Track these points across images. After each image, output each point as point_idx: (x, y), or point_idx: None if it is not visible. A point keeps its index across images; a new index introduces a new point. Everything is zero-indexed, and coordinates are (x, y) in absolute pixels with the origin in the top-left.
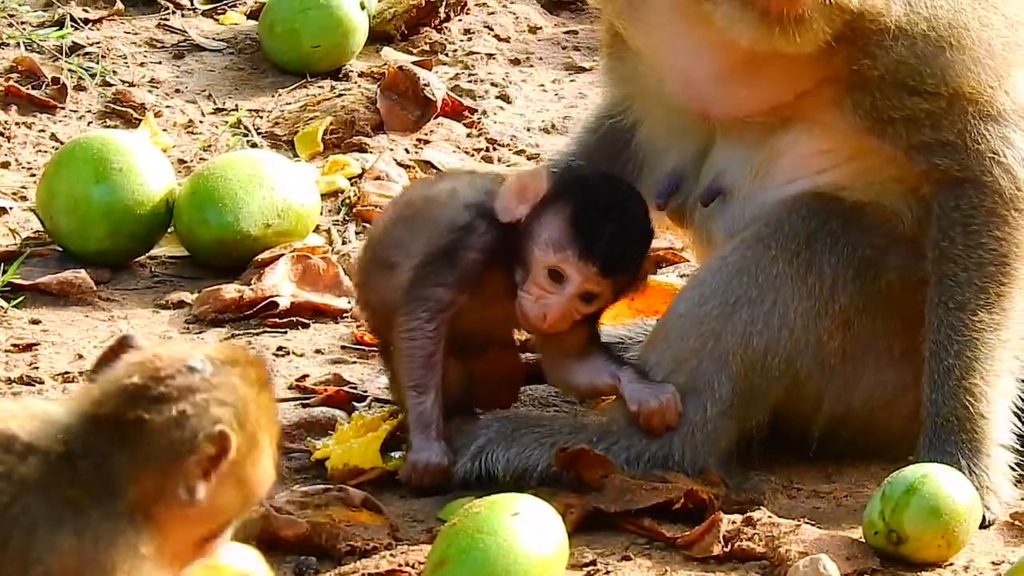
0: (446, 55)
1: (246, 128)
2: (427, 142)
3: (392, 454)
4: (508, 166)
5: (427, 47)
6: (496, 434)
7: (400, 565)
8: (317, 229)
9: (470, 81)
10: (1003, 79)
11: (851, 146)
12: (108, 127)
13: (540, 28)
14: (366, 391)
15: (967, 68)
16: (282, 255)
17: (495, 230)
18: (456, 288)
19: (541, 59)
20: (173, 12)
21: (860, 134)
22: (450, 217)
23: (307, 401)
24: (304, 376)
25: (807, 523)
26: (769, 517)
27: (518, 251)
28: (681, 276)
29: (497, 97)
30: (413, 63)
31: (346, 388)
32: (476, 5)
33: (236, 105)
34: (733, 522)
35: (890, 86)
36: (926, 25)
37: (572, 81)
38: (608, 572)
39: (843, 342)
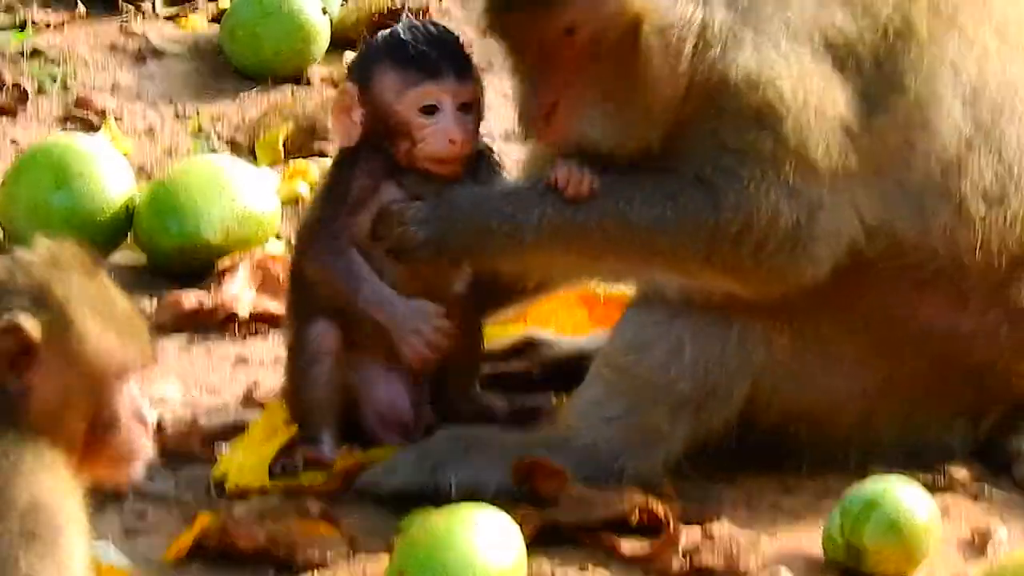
0: None
1: (207, 134)
2: None
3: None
4: None
5: None
6: (448, 452)
7: None
8: (278, 236)
9: None
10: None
11: None
12: (69, 132)
13: None
14: None
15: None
16: (242, 262)
17: (369, 159)
18: (350, 212)
19: (503, 67)
20: (134, 16)
21: None
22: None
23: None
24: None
25: (766, 536)
26: (728, 531)
27: (394, 140)
28: None
29: None
30: None
31: None
32: (438, 12)
33: (197, 110)
34: (692, 536)
35: None
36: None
37: None
38: None
39: (792, 339)
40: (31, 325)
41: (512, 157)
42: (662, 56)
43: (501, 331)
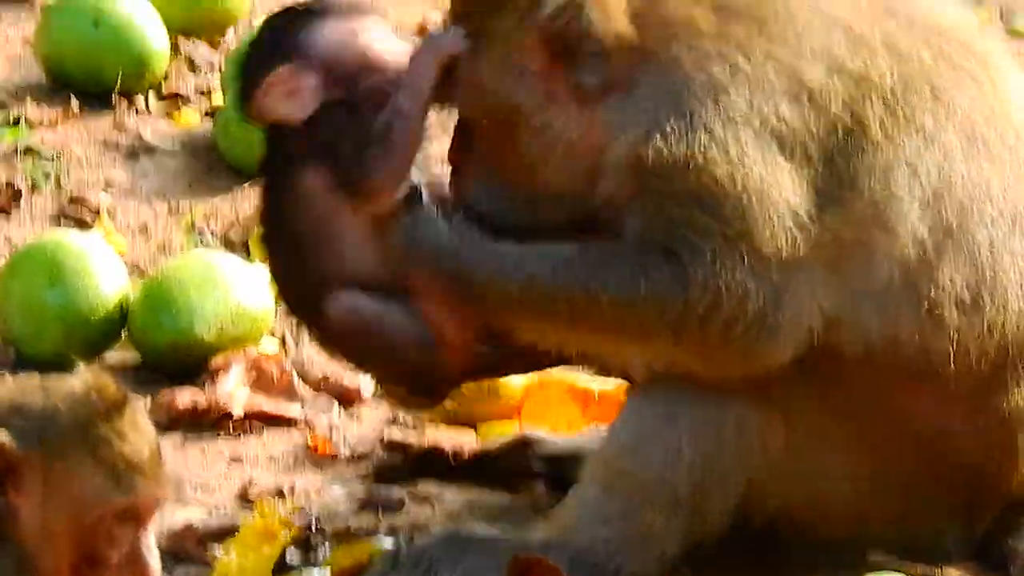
0: None
1: (200, 230)
2: None
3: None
4: None
5: None
6: (444, 551)
7: None
8: (272, 334)
9: None
10: None
11: None
12: (63, 229)
13: None
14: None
15: None
16: (236, 360)
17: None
18: None
19: None
20: (128, 113)
21: None
22: None
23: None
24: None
25: None
26: None
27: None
28: None
29: None
30: None
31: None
32: None
33: (191, 206)
34: None
35: None
36: None
37: None
38: None
39: (787, 436)
40: (11, 447)
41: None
42: (547, 144)
43: (495, 429)
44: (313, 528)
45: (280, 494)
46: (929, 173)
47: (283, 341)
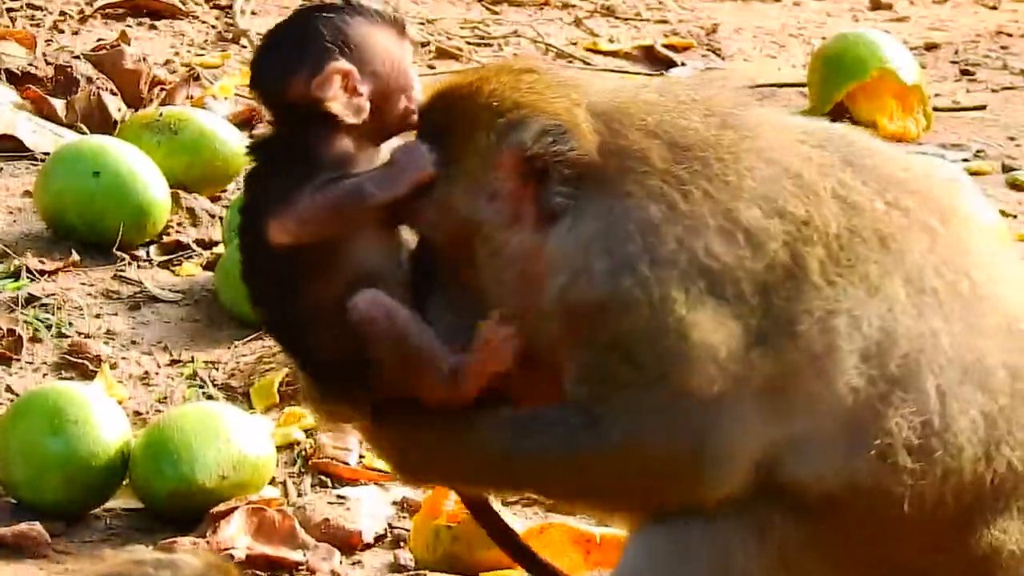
0: None
1: (202, 380)
2: None
3: None
4: None
5: None
6: None
7: None
8: (273, 481)
9: None
10: None
11: None
12: (64, 379)
13: None
14: None
15: None
16: (237, 508)
17: None
18: None
19: None
20: (129, 263)
21: None
22: None
23: None
24: None
25: None
26: None
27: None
28: None
29: None
30: None
31: None
32: None
33: (192, 357)
34: None
35: None
36: None
37: None
38: None
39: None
40: None
41: None
42: (502, 268)
43: None
44: None
45: None
46: (871, 323)
47: (284, 488)
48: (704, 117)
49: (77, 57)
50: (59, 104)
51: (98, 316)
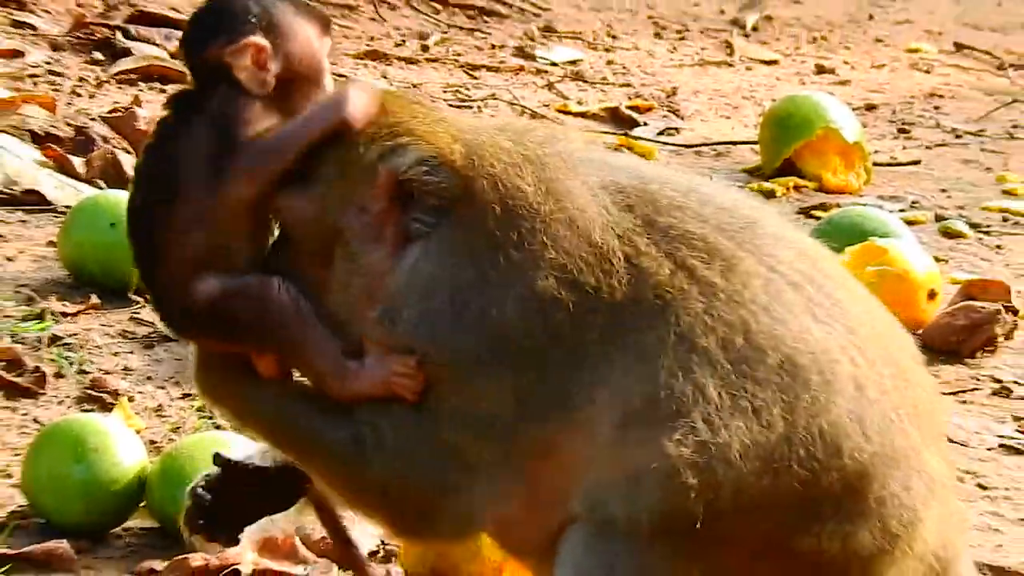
0: None
1: (210, 412)
2: None
3: None
4: None
5: None
6: None
7: None
8: None
9: None
10: None
11: None
12: (85, 411)
13: None
14: None
15: None
16: None
17: None
18: None
19: None
20: (144, 306)
21: None
22: None
23: None
24: None
25: None
26: None
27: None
28: None
29: None
30: None
31: None
32: None
33: None
34: None
35: None
36: None
37: None
38: None
39: None
40: None
41: None
42: (344, 278)
43: None
44: None
45: None
46: (633, 390)
47: None
48: (535, 181)
49: (94, 119)
50: (78, 161)
51: (116, 354)
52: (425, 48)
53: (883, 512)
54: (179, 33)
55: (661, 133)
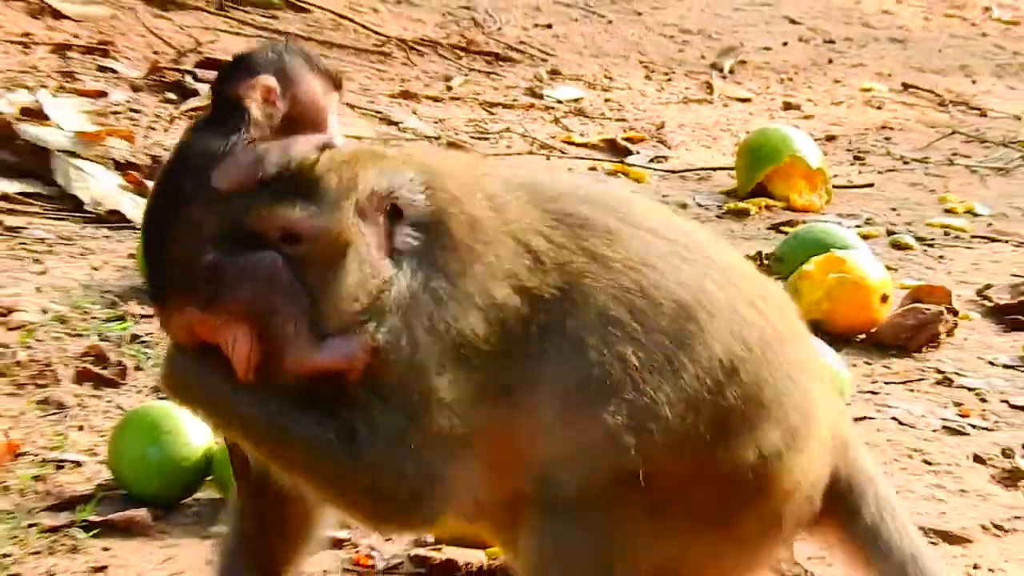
0: None
1: None
2: None
3: None
4: None
5: None
6: None
7: None
8: None
9: None
10: None
11: None
12: (160, 399)
13: None
14: None
15: None
16: None
17: None
18: None
19: None
20: None
21: None
22: None
23: None
24: None
25: None
26: None
27: None
28: None
29: None
30: None
31: None
32: None
33: None
34: None
35: None
36: None
37: None
38: None
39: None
40: None
41: None
42: (353, 283)
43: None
44: None
45: None
46: (568, 376)
47: None
48: (485, 200)
49: (167, 150)
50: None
51: None
52: (449, 88)
53: (781, 411)
54: None
55: (651, 160)
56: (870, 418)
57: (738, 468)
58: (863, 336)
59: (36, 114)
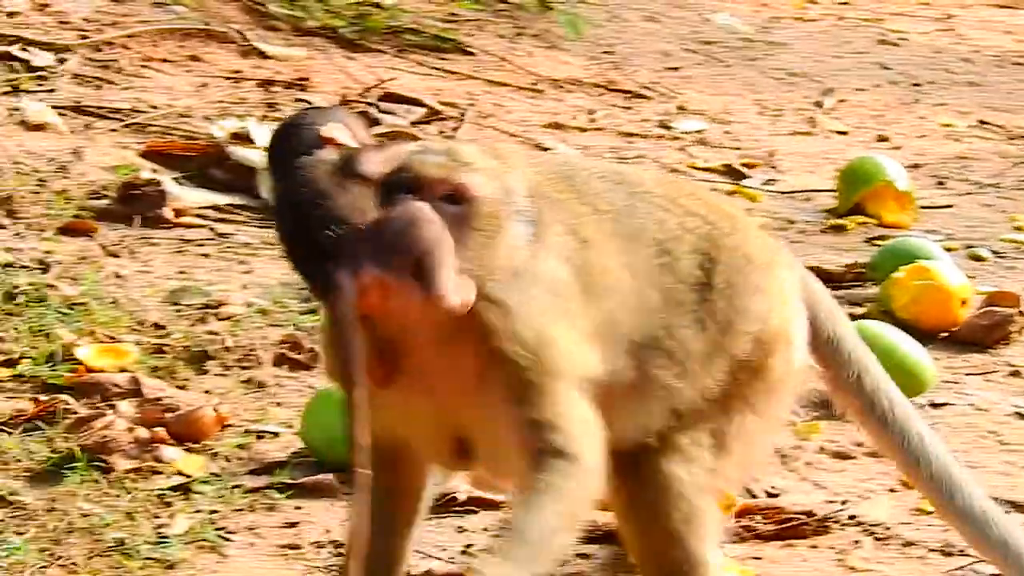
0: None
1: None
2: None
3: None
4: None
5: None
6: None
7: None
8: None
9: None
10: None
11: None
12: None
13: None
14: None
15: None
16: None
17: None
18: None
19: None
20: None
21: None
22: None
23: None
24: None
25: None
26: None
27: None
28: None
29: None
30: None
31: None
32: None
33: None
34: None
35: None
36: None
37: None
38: None
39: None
40: None
41: None
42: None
43: None
44: None
45: None
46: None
47: None
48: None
49: None
50: None
51: None
52: (592, 120)
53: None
54: (416, 109)
55: (764, 183)
56: (951, 404)
57: (742, 349)
58: (945, 334)
59: (244, 138)
